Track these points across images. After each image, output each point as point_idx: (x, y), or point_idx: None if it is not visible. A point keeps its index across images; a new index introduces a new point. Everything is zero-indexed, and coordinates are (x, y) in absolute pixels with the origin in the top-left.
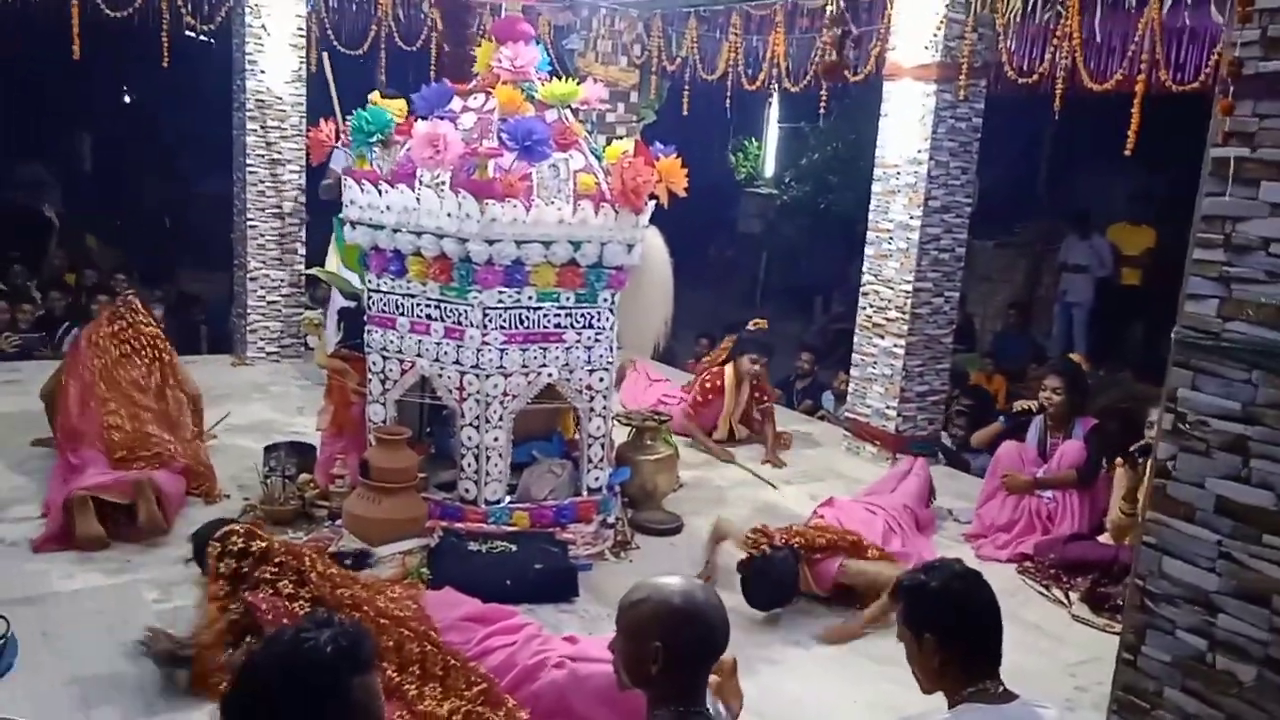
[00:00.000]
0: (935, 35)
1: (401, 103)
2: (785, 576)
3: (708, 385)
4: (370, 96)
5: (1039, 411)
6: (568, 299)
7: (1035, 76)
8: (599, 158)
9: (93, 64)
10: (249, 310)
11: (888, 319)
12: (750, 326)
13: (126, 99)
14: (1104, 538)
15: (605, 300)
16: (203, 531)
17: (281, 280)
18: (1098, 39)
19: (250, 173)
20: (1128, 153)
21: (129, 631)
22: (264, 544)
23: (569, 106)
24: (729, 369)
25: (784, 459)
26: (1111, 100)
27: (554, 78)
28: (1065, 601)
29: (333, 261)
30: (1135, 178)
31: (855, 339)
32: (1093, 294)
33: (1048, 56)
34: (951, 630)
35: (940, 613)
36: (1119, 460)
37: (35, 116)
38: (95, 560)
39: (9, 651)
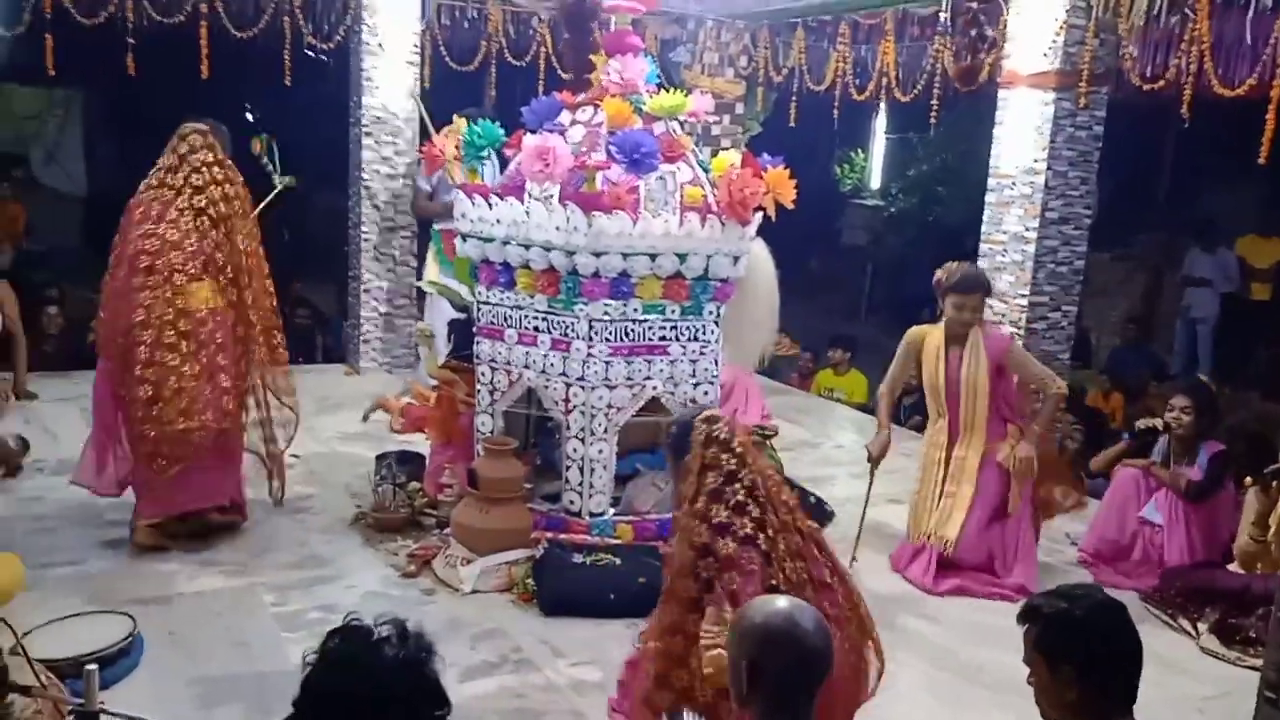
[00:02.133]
0: (1055, 41)
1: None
2: None
3: None
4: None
5: (1165, 431)
6: (673, 311)
7: (1160, 82)
8: (706, 169)
9: (220, 82)
10: (362, 321)
11: None
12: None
13: (249, 115)
14: (1233, 566)
15: (710, 313)
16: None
17: (394, 291)
18: (1227, 42)
19: (365, 186)
20: (1261, 161)
21: (246, 634)
22: (743, 449)
23: (676, 118)
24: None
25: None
26: (1240, 106)
27: (661, 90)
28: (1193, 632)
29: (432, 270)
30: (1266, 187)
31: None
32: (1218, 309)
33: (1174, 61)
34: (1093, 663)
35: (1083, 644)
36: (1247, 481)
37: (166, 133)
38: (217, 563)
39: (135, 650)
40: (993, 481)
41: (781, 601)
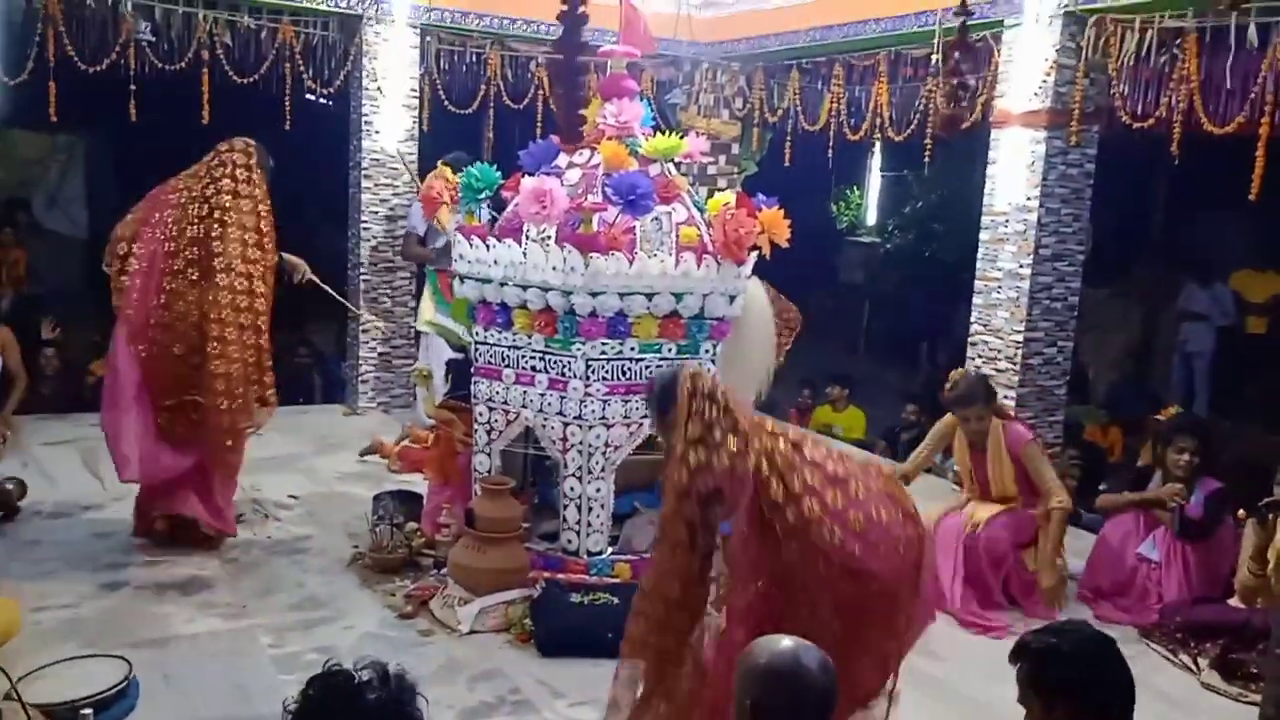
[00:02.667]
0: (1045, 81)
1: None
2: None
3: None
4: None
5: (1163, 469)
6: (670, 350)
7: (1151, 120)
8: (701, 210)
9: (221, 127)
10: (360, 361)
11: (997, 369)
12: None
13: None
14: (1233, 600)
15: (707, 351)
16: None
17: (392, 332)
18: (1216, 81)
19: (364, 228)
20: (1252, 197)
21: (243, 676)
22: (726, 399)
23: (672, 160)
24: None
25: None
26: (1231, 143)
27: (657, 132)
28: (1194, 668)
29: (428, 311)
30: (1259, 222)
31: None
32: (1214, 343)
33: (1164, 100)
34: (1085, 699)
35: (1074, 679)
36: (1240, 514)
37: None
38: (215, 605)
39: (131, 694)
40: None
41: (786, 641)
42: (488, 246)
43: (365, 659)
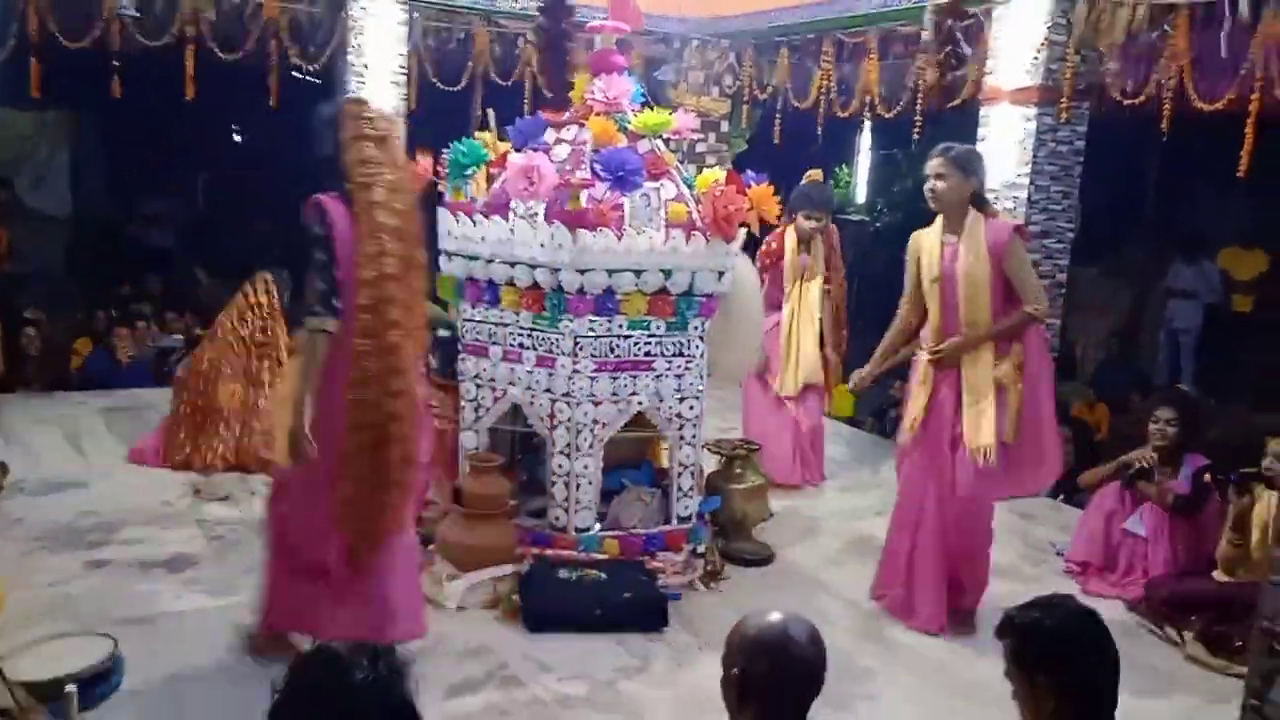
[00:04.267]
0: (1036, 58)
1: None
2: None
3: (765, 249)
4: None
5: (1150, 445)
6: (658, 327)
7: (1141, 98)
8: (690, 186)
9: (206, 104)
10: None
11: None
12: (804, 181)
13: (237, 138)
14: (1218, 574)
15: (695, 328)
16: None
17: None
18: (1206, 58)
19: None
20: (1240, 174)
21: (231, 653)
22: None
23: (661, 136)
24: (789, 233)
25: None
26: (1221, 120)
27: (646, 108)
28: (1179, 641)
29: None
30: (1247, 200)
31: None
32: (1201, 321)
33: (1154, 77)
34: (1068, 673)
35: (1056, 654)
36: (1207, 477)
37: (152, 156)
38: (201, 582)
39: (117, 671)
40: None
41: (775, 614)
42: (475, 223)
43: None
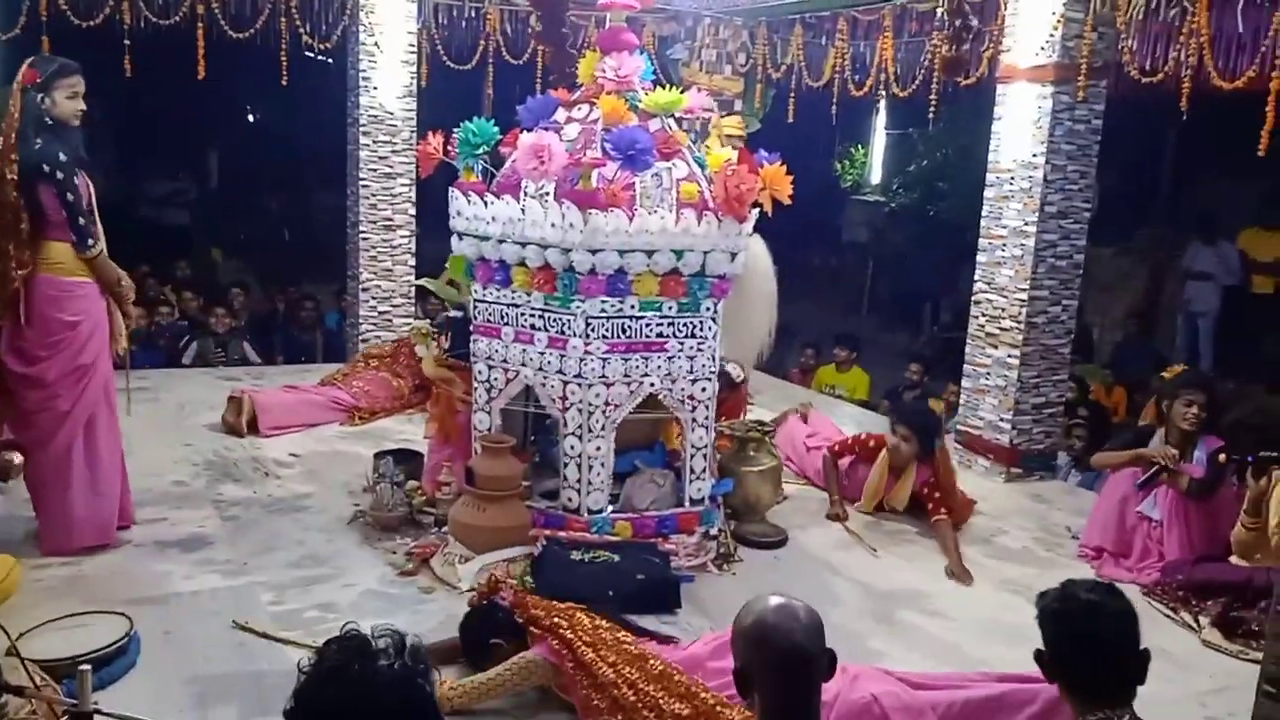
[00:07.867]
0: (1052, 35)
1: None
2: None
3: (857, 449)
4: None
5: (1166, 427)
6: (670, 308)
7: (1159, 75)
8: (702, 166)
9: (217, 84)
10: (361, 320)
11: (1001, 328)
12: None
13: (249, 116)
14: (1234, 559)
15: (708, 309)
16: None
17: (392, 291)
18: (1226, 35)
19: (363, 186)
20: (1261, 153)
21: (244, 633)
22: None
23: (672, 115)
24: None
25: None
26: (1241, 99)
27: (658, 87)
28: (1195, 626)
29: None
30: (1267, 180)
31: (967, 349)
32: (1219, 302)
33: (1173, 54)
34: (1071, 653)
35: (1060, 634)
36: (1221, 457)
37: (164, 135)
38: (215, 562)
39: (131, 650)
40: None
41: (772, 600)
42: (485, 203)
43: (382, 625)
